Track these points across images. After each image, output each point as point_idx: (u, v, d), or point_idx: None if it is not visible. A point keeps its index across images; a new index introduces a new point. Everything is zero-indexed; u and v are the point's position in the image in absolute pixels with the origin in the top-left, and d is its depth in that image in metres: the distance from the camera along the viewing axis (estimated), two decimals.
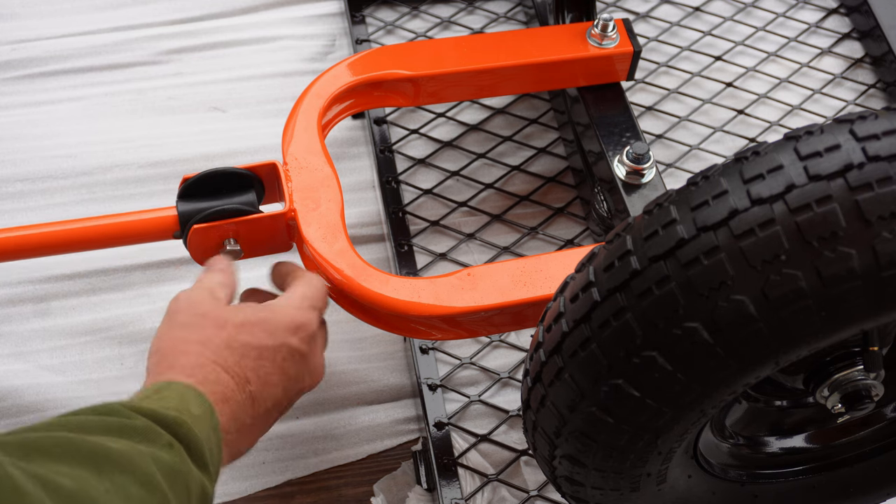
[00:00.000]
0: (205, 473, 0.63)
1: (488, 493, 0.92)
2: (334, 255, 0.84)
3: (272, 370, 0.74)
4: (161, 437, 0.60)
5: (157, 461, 0.57)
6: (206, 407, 0.67)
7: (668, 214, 0.56)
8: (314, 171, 0.88)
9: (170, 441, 0.60)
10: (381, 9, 1.27)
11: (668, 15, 1.28)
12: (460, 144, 1.15)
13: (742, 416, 0.79)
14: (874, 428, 0.81)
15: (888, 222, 0.52)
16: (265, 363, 0.74)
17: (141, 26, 1.24)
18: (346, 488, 0.94)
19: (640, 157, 0.93)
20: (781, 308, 0.53)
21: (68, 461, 0.52)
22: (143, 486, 0.54)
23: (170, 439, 0.60)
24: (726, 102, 1.20)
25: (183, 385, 0.68)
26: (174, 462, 0.59)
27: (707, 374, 0.57)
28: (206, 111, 1.18)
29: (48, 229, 0.83)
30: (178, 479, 0.58)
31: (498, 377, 0.99)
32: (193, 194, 0.84)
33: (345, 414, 0.98)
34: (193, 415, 0.65)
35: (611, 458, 0.65)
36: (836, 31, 1.28)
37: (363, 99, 0.98)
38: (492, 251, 1.07)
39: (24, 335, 1.01)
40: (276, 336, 0.75)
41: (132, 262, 1.05)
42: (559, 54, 1.00)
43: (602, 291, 0.58)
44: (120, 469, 0.54)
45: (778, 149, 0.55)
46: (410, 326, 0.86)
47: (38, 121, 1.16)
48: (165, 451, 0.59)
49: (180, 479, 0.58)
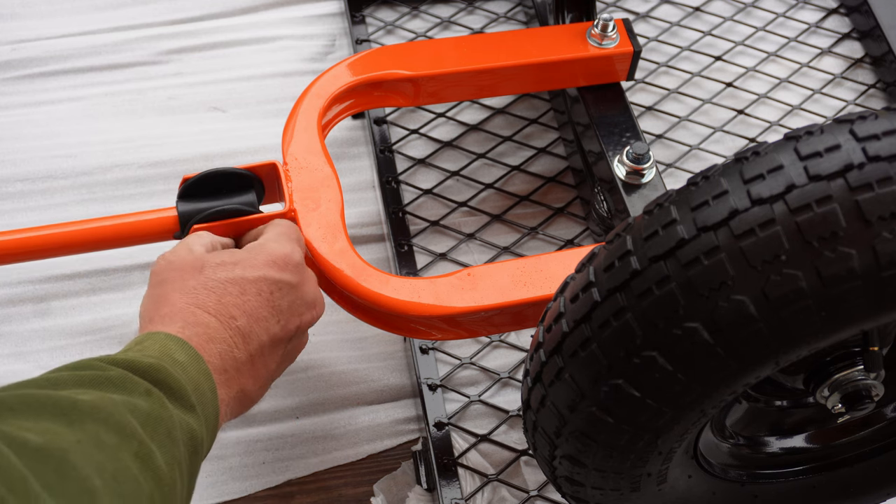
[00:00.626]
0: (191, 415, 0.62)
1: (488, 493, 0.92)
2: (334, 255, 0.84)
3: (259, 304, 0.73)
4: (138, 385, 0.59)
5: (133, 409, 0.56)
6: (190, 353, 0.66)
7: (668, 214, 0.56)
8: (314, 171, 0.88)
9: (147, 388, 0.59)
10: (381, 9, 1.27)
11: (668, 15, 1.28)
12: (460, 144, 1.15)
13: (742, 416, 0.79)
14: (874, 428, 0.81)
15: (888, 222, 0.52)
16: (249, 298, 0.72)
17: (141, 26, 1.24)
18: (346, 488, 0.94)
19: (640, 157, 0.93)
20: (782, 308, 0.53)
21: (35, 416, 0.51)
22: (116, 433, 0.53)
23: (147, 386, 0.59)
24: (726, 102, 1.20)
25: (163, 335, 0.67)
26: (152, 409, 0.58)
27: (707, 374, 0.57)
28: (206, 111, 1.18)
29: (48, 231, 0.83)
30: (159, 426, 0.57)
31: (498, 377, 0.99)
32: (193, 194, 0.84)
33: (345, 414, 0.98)
34: (178, 361, 0.64)
35: (611, 458, 0.65)
36: (836, 31, 1.28)
37: (363, 99, 0.99)
38: (492, 251, 1.07)
39: (24, 335, 1.01)
40: (256, 269, 0.74)
41: (132, 262, 1.05)
42: (559, 54, 1.00)
43: (602, 291, 0.58)
44: (92, 418, 0.53)
45: (778, 149, 0.55)
46: (410, 326, 0.86)
47: (38, 121, 1.16)
48: (142, 399, 0.58)
49: (161, 426, 0.57)
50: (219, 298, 0.71)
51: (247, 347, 0.71)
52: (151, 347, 0.65)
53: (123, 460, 0.53)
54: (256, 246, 0.77)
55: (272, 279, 0.74)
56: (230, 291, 0.72)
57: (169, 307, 0.70)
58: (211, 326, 0.69)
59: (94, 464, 0.50)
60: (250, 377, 0.72)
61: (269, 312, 0.74)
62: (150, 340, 0.66)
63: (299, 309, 0.77)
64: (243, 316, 0.72)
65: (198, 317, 0.70)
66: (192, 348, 0.67)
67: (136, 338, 0.67)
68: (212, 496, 0.92)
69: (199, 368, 0.66)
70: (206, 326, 0.69)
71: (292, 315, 0.76)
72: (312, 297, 0.79)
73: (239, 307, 0.72)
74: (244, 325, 0.71)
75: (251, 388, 0.73)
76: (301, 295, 0.77)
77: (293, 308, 0.76)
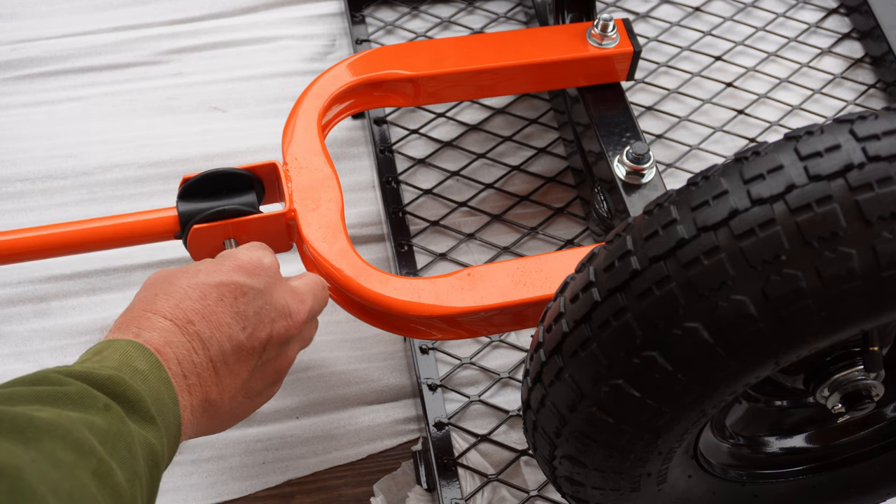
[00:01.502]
0: (150, 427, 0.60)
1: (488, 493, 0.92)
2: (334, 255, 0.84)
3: (221, 309, 0.70)
4: (96, 400, 0.57)
5: (91, 426, 0.55)
6: (151, 360, 0.64)
7: (668, 214, 0.56)
8: (314, 171, 0.88)
9: (106, 403, 0.58)
10: (381, 9, 1.27)
11: (668, 15, 1.28)
12: (460, 144, 1.15)
13: (742, 416, 0.79)
14: (874, 428, 0.81)
15: (888, 222, 0.52)
16: (209, 303, 0.70)
17: (141, 26, 1.24)
18: (346, 488, 0.94)
19: (640, 157, 0.93)
20: (782, 308, 0.53)
21: None
22: (74, 450, 0.52)
23: (106, 401, 0.58)
24: (726, 102, 1.20)
25: (124, 342, 0.65)
26: (111, 425, 0.56)
27: (707, 374, 0.57)
28: (206, 111, 1.18)
29: (48, 231, 0.83)
30: (119, 442, 0.56)
31: (498, 377, 0.99)
32: (194, 194, 0.84)
33: (345, 414, 0.98)
34: (138, 370, 0.63)
35: (611, 458, 0.65)
36: (836, 31, 1.28)
37: (363, 99, 0.99)
38: (492, 251, 1.07)
39: (24, 335, 1.01)
40: (220, 274, 0.72)
41: (132, 262, 1.05)
42: (559, 54, 1.00)
43: (602, 291, 0.58)
44: (49, 436, 0.51)
45: (778, 149, 0.55)
46: (410, 326, 0.86)
47: (38, 121, 1.16)
48: (100, 416, 0.57)
49: (121, 442, 0.56)
50: (177, 303, 0.69)
51: (206, 353, 0.69)
52: (111, 357, 0.63)
53: (80, 478, 0.51)
54: (225, 254, 0.76)
55: (236, 283, 0.72)
56: (189, 296, 0.70)
57: (127, 315, 0.69)
58: (167, 330, 0.67)
59: (50, 482, 0.49)
60: (214, 385, 0.70)
61: (232, 318, 0.71)
62: (109, 349, 0.64)
63: (268, 315, 0.74)
64: (202, 321, 0.69)
65: (153, 322, 0.68)
66: (153, 355, 0.65)
67: (95, 345, 0.66)
68: (212, 496, 0.92)
69: (159, 377, 0.64)
70: (161, 331, 0.67)
71: (260, 322, 0.73)
72: (283, 305, 0.75)
73: (198, 312, 0.69)
74: (203, 329, 0.69)
75: (217, 398, 0.70)
76: (270, 301, 0.74)
77: (261, 315, 0.73)
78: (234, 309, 0.71)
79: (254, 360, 0.73)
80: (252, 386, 0.74)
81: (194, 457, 0.94)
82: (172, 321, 0.68)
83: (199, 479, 0.93)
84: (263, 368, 0.75)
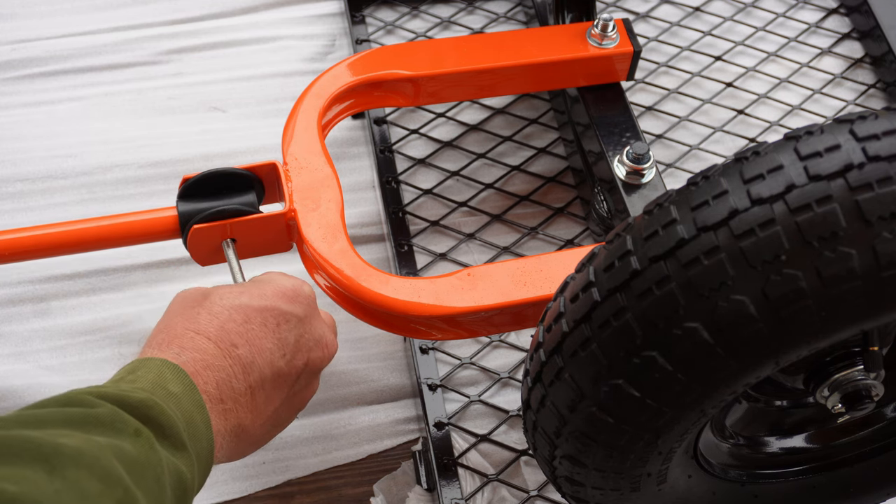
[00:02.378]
0: (181, 455, 0.59)
1: (488, 493, 0.92)
2: (334, 255, 0.84)
3: (263, 334, 0.70)
4: (127, 424, 0.56)
5: (120, 454, 0.54)
6: (185, 382, 0.63)
7: (668, 214, 0.56)
8: (314, 171, 0.88)
9: (137, 429, 0.56)
10: (381, 9, 1.27)
11: (668, 15, 1.28)
12: (460, 144, 1.15)
13: (742, 416, 0.79)
14: (874, 428, 0.81)
15: (888, 222, 0.52)
16: (253, 326, 0.69)
17: (141, 26, 1.24)
18: (346, 488, 0.94)
19: (640, 157, 0.93)
20: (781, 308, 0.53)
21: (14, 462, 0.49)
22: (101, 480, 0.51)
23: (137, 426, 0.56)
24: (726, 102, 1.20)
25: (159, 361, 0.63)
26: (139, 453, 0.55)
27: (707, 374, 0.57)
28: (206, 111, 1.18)
29: (48, 231, 0.83)
30: (147, 471, 0.55)
31: (498, 377, 0.99)
32: (193, 194, 0.84)
33: (345, 414, 0.98)
34: (171, 393, 0.61)
35: (611, 458, 0.65)
36: (836, 31, 1.28)
37: (363, 99, 0.98)
38: (492, 251, 1.07)
39: (24, 335, 1.01)
40: (264, 298, 0.71)
41: (132, 262, 1.05)
42: (559, 54, 1.00)
43: (602, 291, 0.58)
44: (75, 464, 0.50)
45: (778, 149, 0.55)
46: (410, 326, 0.86)
47: (38, 121, 1.16)
48: (130, 441, 0.55)
49: (149, 471, 0.55)
50: (221, 325, 0.68)
51: (246, 378, 0.68)
52: (144, 378, 0.62)
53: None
54: (264, 277, 0.75)
55: (279, 310, 0.71)
56: (233, 318, 0.69)
57: (167, 332, 0.67)
58: (209, 353, 0.66)
59: None
60: (249, 411, 0.68)
61: (274, 344, 0.70)
62: (143, 369, 0.63)
63: (307, 344, 0.73)
64: (245, 345, 0.68)
65: (196, 342, 0.66)
66: (188, 377, 0.63)
67: (129, 364, 0.64)
68: (212, 496, 0.92)
69: (193, 400, 0.62)
70: (203, 352, 0.66)
71: (299, 350, 0.72)
72: (320, 335, 0.76)
73: (241, 335, 0.68)
74: (245, 354, 0.68)
75: (250, 425, 0.69)
76: (309, 330, 0.74)
77: (300, 343, 0.72)
78: (276, 335, 0.70)
79: (287, 388, 0.72)
80: (281, 414, 0.74)
81: None
82: (216, 343, 0.67)
83: None
84: (294, 398, 0.75)
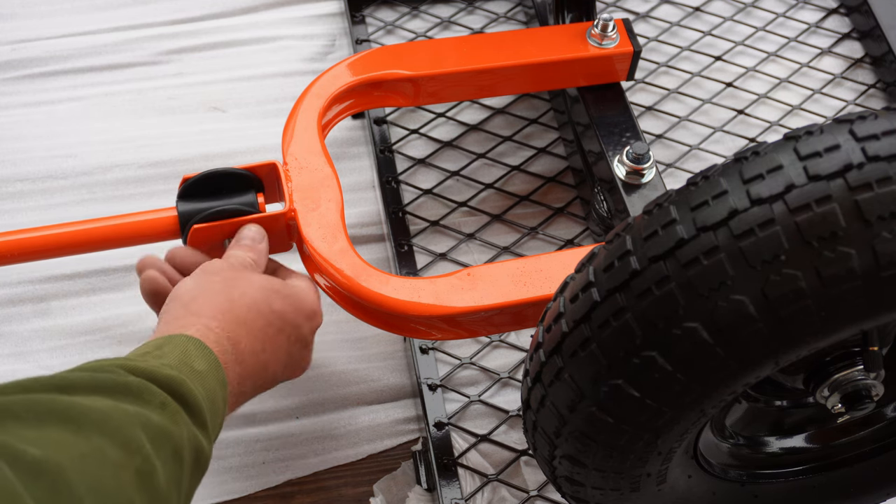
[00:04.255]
0: (202, 432, 0.61)
1: (488, 493, 0.92)
2: (334, 255, 0.84)
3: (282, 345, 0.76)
4: (155, 396, 0.58)
5: (146, 423, 0.56)
6: (210, 360, 0.66)
7: (667, 214, 0.56)
8: (314, 171, 0.88)
9: (163, 401, 0.59)
10: (381, 9, 1.27)
11: (668, 15, 1.28)
12: (460, 144, 1.15)
13: (742, 416, 0.79)
14: (874, 428, 0.81)
15: (888, 222, 0.52)
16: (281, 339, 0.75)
17: (141, 26, 1.24)
18: (346, 488, 0.94)
19: (640, 157, 0.93)
20: (781, 308, 0.53)
21: (40, 424, 0.50)
22: (122, 447, 0.53)
23: (164, 398, 0.59)
24: (726, 102, 1.20)
25: (184, 337, 0.66)
26: (164, 424, 0.57)
27: (707, 374, 0.57)
28: (206, 111, 1.18)
29: (48, 232, 0.83)
30: (167, 443, 0.57)
31: (498, 377, 0.99)
32: (193, 194, 0.84)
33: (345, 414, 0.98)
34: (196, 370, 0.64)
35: (611, 458, 0.65)
36: (836, 31, 1.28)
37: (363, 99, 0.98)
38: (492, 251, 1.07)
39: (24, 335, 1.01)
40: (298, 313, 0.77)
41: (132, 262, 1.04)
42: (559, 54, 1.00)
43: (602, 291, 0.58)
44: (99, 430, 0.52)
45: (778, 149, 0.55)
46: (410, 326, 0.86)
47: (38, 121, 1.16)
48: (157, 413, 0.57)
49: (169, 444, 0.57)
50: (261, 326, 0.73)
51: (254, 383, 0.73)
52: (171, 354, 0.64)
53: (122, 479, 0.52)
54: (304, 292, 0.79)
55: (300, 333, 0.78)
56: (272, 323, 0.74)
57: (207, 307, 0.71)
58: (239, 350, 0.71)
59: (90, 482, 0.49)
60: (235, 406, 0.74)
61: (286, 359, 0.77)
62: (169, 345, 0.65)
63: (297, 364, 0.80)
64: (265, 352, 0.74)
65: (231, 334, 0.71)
66: (213, 355, 0.67)
67: (156, 339, 0.66)
68: (212, 496, 0.92)
69: (217, 377, 0.66)
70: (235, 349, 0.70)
71: (288, 368, 0.78)
72: (306, 359, 0.82)
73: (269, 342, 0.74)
74: (266, 360, 0.74)
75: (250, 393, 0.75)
76: (305, 355, 0.80)
77: (293, 362, 0.78)
78: (287, 348, 0.77)
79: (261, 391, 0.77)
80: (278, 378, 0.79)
81: None
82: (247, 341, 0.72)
83: None
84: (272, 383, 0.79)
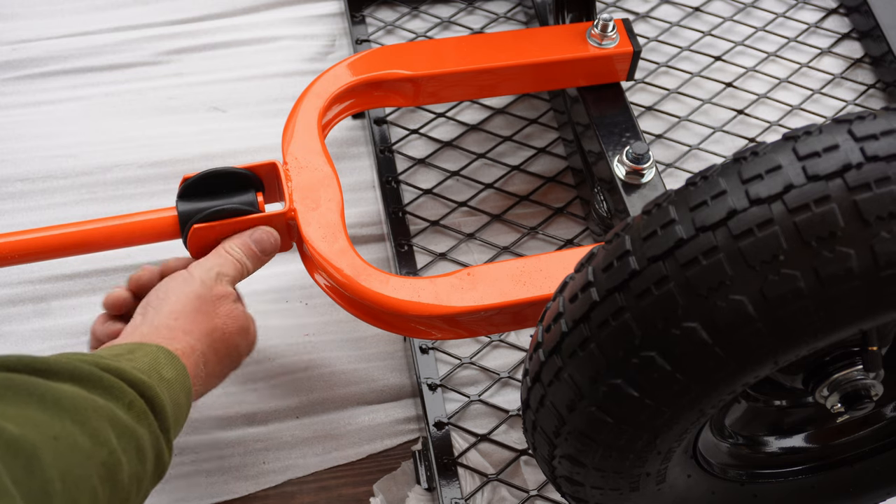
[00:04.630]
0: (164, 437, 0.64)
1: (488, 493, 0.92)
2: (334, 254, 0.84)
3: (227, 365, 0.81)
4: (125, 394, 0.61)
5: (113, 418, 0.58)
6: (178, 368, 0.69)
7: (666, 214, 0.56)
8: (314, 170, 0.88)
9: (132, 400, 0.61)
10: (381, 9, 1.27)
11: (668, 15, 1.28)
12: (460, 144, 1.15)
13: (741, 416, 0.79)
14: (874, 427, 0.81)
15: (886, 222, 0.52)
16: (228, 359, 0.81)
17: (141, 26, 1.24)
18: (346, 488, 0.94)
19: (639, 157, 0.93)
20: (780, 308, 0.53)
21: (19, 403, 0.52)
22: (90, 437, 0.55)
23: (133, 398, 0.61)
24: (726, 102, 1.20)
25: (154, 347, 0.69)
26: (129, 422, 0.60)
27: (706, 374, 0.57)
28: (206, 111, 1.18)
29: (48, 233, 0.83)
30: (132, 440, 0.59)
31: (498, 377, 0.99)
32: (193, 194, 0.84)
33: (345, 414, 0.98)
34: (164, 378, 0.67)
35: (610, 457, 0.65)
36: (835, 31, 1.28)
37: (363, 99, 0.99)
38: (492, 251, 1.07)
39: (24, 335, 1.01)
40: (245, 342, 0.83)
41: (132, 262, 1.05)
42: (559, 54, 1.00)
43: (601, 291, 0.58)
44: (70, 417, 0.54)
45: (776, 149, 0.55)
46: (410, 326, 0.86)
47: (38, 121, 1.16)
48: (124, 410, 0.60)
49: (134, 441, 0.59)
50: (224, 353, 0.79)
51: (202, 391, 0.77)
52: (142, 359, 0.67)
53: (89, 468, 0.54)
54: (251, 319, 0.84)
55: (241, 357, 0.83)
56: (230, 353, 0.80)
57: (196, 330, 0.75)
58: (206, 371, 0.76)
59: (62, 466, 0.51)
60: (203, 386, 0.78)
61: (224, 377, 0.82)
62: (140, 352, 0.68)
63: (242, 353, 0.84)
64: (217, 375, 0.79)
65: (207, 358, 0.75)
66: (182, 365, 0.70)
67: (127, 343, 0.69)
68: (212, 496, 0.92)
69: (183, 385, 0.69)
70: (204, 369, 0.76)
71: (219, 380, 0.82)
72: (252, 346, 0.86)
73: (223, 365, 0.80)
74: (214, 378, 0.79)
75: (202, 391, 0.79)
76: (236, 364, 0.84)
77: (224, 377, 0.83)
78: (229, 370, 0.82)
79: None
80: None
81: (194, 457, 0.94)
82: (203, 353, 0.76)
83: (199, 479, 0.93)
84: None
